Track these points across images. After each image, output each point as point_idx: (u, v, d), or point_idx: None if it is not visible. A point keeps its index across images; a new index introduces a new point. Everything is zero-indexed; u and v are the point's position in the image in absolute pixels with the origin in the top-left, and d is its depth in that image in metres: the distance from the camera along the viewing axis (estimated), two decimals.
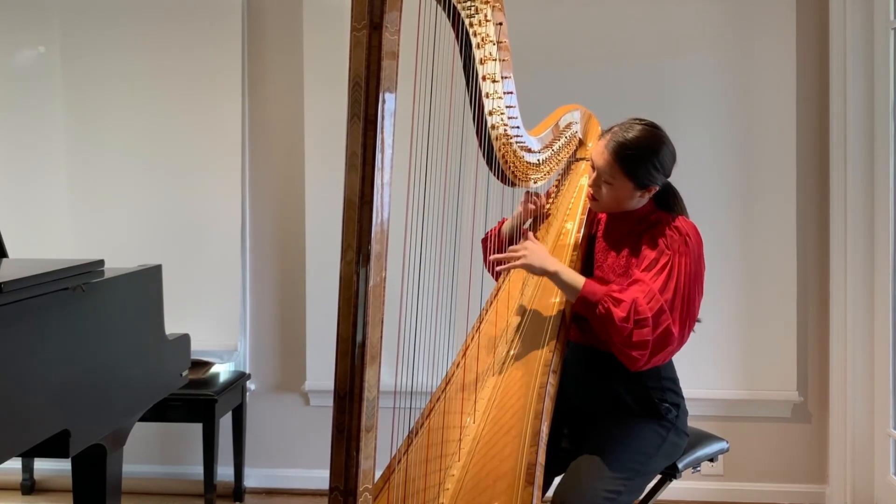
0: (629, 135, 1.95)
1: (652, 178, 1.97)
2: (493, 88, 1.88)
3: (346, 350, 1.31)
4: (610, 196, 2.00)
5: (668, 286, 1.86)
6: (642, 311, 1.82)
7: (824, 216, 3.28)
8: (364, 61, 1.27)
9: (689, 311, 1.89)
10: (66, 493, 3.42)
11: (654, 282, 1.87)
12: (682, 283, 1.88)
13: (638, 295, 1.84)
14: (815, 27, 3.28)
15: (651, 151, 1.95)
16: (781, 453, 3.35)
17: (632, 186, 1.97)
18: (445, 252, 1.80)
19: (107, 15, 3.46)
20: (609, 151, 1.95)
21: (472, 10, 1.76)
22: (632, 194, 1.99)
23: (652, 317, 1.82)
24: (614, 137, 1.97)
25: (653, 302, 1.83)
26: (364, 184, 1.28)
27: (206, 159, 3.45)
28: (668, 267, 1.88)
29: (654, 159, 1.95)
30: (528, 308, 2.06)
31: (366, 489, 1.35)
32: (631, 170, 1.95)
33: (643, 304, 1.83)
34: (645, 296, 1.84)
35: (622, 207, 2.03)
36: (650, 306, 1.83)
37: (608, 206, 2.04)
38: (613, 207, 2.04)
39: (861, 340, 3.18)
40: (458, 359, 2.01)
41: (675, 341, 1.87)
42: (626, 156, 1.94)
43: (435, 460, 1.77)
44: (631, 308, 1.82)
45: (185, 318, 3.11)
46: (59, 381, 1.87)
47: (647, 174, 1.95)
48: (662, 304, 1.84)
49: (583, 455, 1.94)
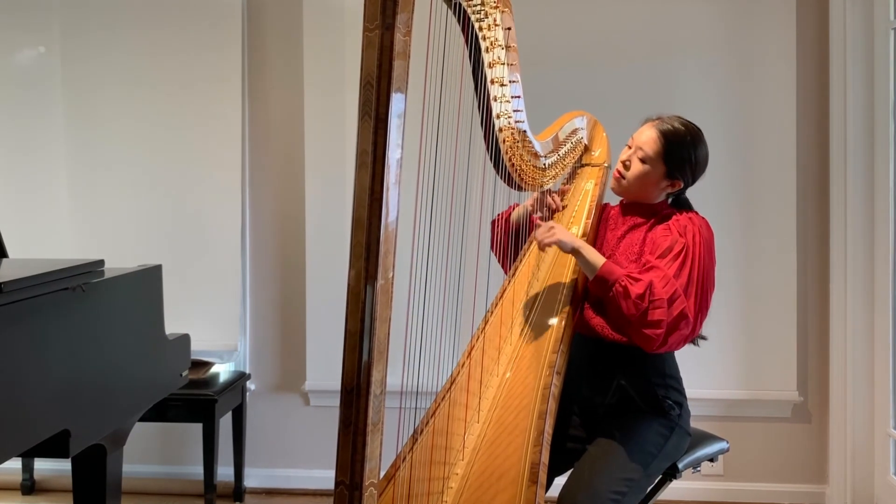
0: (677, 124, 2.06)
1: (683, 172, 2.04)
2: (501, 92, 1.89)
3: (353, 345, 1.33)
4: (638, 176, 2.05)
5: (683, 272, 1.90)
6: (657, 292, 1.84)
7: (824, 216, 3.29)
8: (376, 61, 1.28)
9: (704, 300, 1.93)
10: (66, 493, 3.41)
11: (668, 268, 1.90)
12: (696, 271, 1.91)
13: (654, 278, 1.87)
14: (815, 27, 3.28)
15: (693, 145, 2.04)
16: (781, 453, 3.35)
17: (663, 172, 2.03)
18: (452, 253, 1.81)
19: (107, 16, 3.45)
20: (657, 130, 2.04)
21: (481, 14, 1.77)
22: (659, 181, 2.05)
23: (667, 299, 1.85)
24: (664, 122, 2.06)
25: (668, 286, 1.86)
26: (374, 181, 1.30)
27: (206, 160, 3.45)
28: (683, 255, 1.92)
29: (693, 153, 2.04)
30: (534, 309, 2.06)
31: (371, 484, 1.35)
32: (670, 154, 2.02)
33: (658, 287, 1.85)
34: (660, 280, 1.87)
35: (643, 193, 2.08)
36: (665, 290, 1.85)
37: (632, 187, 2.08)
38: (636, 190, 2.08)
39: (861, 340, 3.18)
40: (464, 359, 2.02)
41: (689, 325, 1.89)
42: (671, 138, 2.03)
43: (439, 459, 1.78)
44: (647, 288, 1.85)
45: (185, 318, 3.10)
46: (59, 381, 1.87)
47: (681, 164, 2.03)
48: (677, 289, 1.87)
49: (588, 455, 1.95)
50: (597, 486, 1.85)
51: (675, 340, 1.89)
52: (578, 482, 1.88)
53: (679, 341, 1.92)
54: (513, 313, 2.10)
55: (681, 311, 1.86)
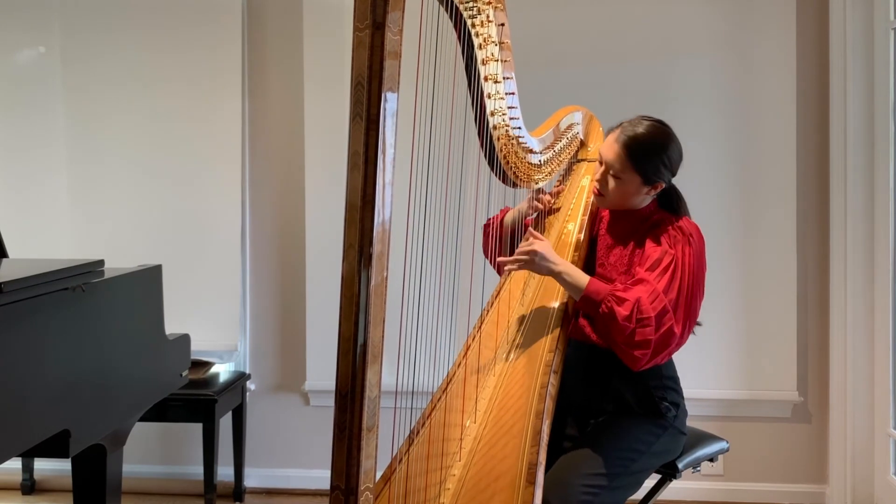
0: (639, 129, 1.98)
1: (660, 175, 1.99)
2: (495, 89, 1.88)
3: (347, 349, 1.32)
4: (617, 191, 2.01)
5: (672, 286, 1.87)
6: (645, 310, 1.82)
7: (824, 216, 3.28)
8: (366, 61, 1.27)
9: (691, 312, 1.90)
10: (66, 493, 3.41)
11: (657, 282, 1.87)
12: (685, 283, 1.88)
13: (641, 294, 1.84)
14: (815, 27, 3.28)
15: (661, 147, 1.97)
16: (781, 453, 3.35)
17: (640, 181, 1.98)
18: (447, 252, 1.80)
19: (107, 16, 3.46)
20: (620, 145, 1.97)
21: (474, 10, 1.77)
22: (639, 190, 2.00)
23: (655, 317, 1.82)
24: (624, 132, 1.98)
25: (656, 302, 1.83)
26: (366, 183, 1.28)
27: (206, 160, 3.45)
28: (672, 267, 1.89)
29: (663, 155, 1.97)
30: (530, 308, 2.06)
31: (367, 488, 1.35)
32: (640, 164, 1.96)
33: (646, 304, 1.83)
34: (648, 295, 1.84)
35: (627, 204, 2.04)
36: (653, 306, 1.83)
37: (614, 202, 2.05)
38: (619, 203, 2.05)
39: (861, 340, 3.18)
40: (460, 359, 2.01)
41: (675, 341, 1.87)
42: (636, 149, 1.96)
43: (436, 460, 1.77)
44: (634, 307, 1.82)
45: (185, 318, 3.11)
46: (59, 381, 1.87)
47: (655, 169, 1.97)
48: (666, 304, 1.84)
49: (569, 452, 1.94)
50: (568, 480, 1.84)
51: (660, 358, 1.88)
52: (554, 476, 1.86)
53: (664, 357, 1.90)
54: (509, 312, 2.09)
55: (668, 327, 1.83)
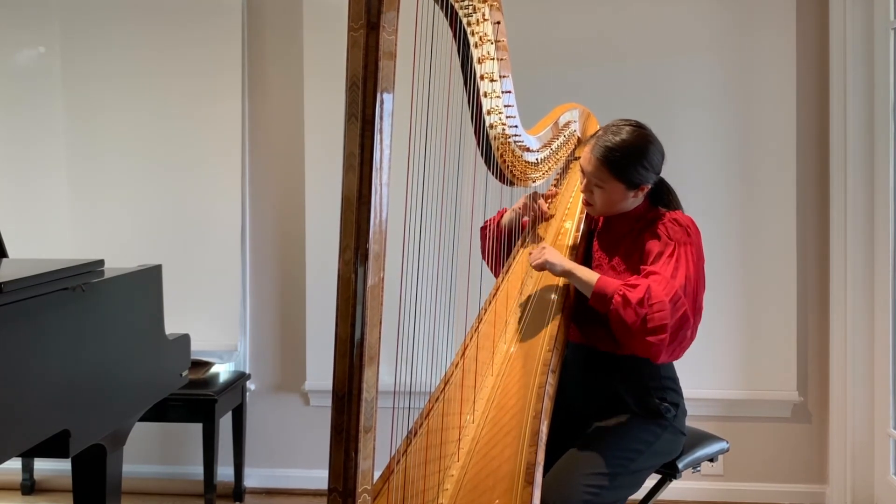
0: (615, 138, 1.96)
1: (642, 178, 1.98)
2: (492, 87, 1.88)
3: (344, 350, 1.31)
4: (603, 200, 2.01)
5: (678, 273, 1.87)
6: (657, 294, 1.81)
7: (824, 216, 3.28)
8: (361, 61, 1.26)
9: (697, 302, 1.91)
10: (66, 493, 3.42)
11: (664, 269, 1.87)
12: (691, 272, 1.89)
13: (651, 282, 1.84)
14: (815, 27, 3.27)
15: (638, 152, 1.96)
16: (781, 453, 3.35)
17: (623, 188, 1.98)
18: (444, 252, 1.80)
19: (107, 14, 3.46)
20: (596, 157, 1.96)
21: (469, 9, 1.76)
22: (625, 195, 2.00)
23: (669, 300, 1.82)
24: (599, 142, 1.97)
25: (667, 287, 1.83)
26: (362, 184, 1.28)
27: (206, 159, 3.46)
28: (675, 256, 1.90)
29: (642, 160, 1.96)
30: (527, 307, 2.05)
31: (364, 490, 1.34)
32: (620, 172, 1.95)
33: (657, 289, 1.82)
34: (658, 282, 1.84)
35: (617, 209, 2.04)
36: (665, 291, 1.83)
37: (603, 210, 2.06)
38: (609, 210, 2.05)
39: (861, 340, 3.18)
40: (457, 359, 2.01)
41: (689, 327, 1.86)
42: (614, 159, 1.94)
43: (434, 461, 1.77)
44: (646, 293, 1.81)
45: (185, 318, 3.11)
46: (59, 381, 1.87)
47: (636, 174, 1.97)
48: (677, 290, 1.84)
49: (570, 451, 1.94)
50: (570, 480, 1.84)
51: (676, 346, 1.87)
52: (555, 475, 1.86)
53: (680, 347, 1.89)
54: (506, 312, 2.09)
55: (683, 312, 1.83)
